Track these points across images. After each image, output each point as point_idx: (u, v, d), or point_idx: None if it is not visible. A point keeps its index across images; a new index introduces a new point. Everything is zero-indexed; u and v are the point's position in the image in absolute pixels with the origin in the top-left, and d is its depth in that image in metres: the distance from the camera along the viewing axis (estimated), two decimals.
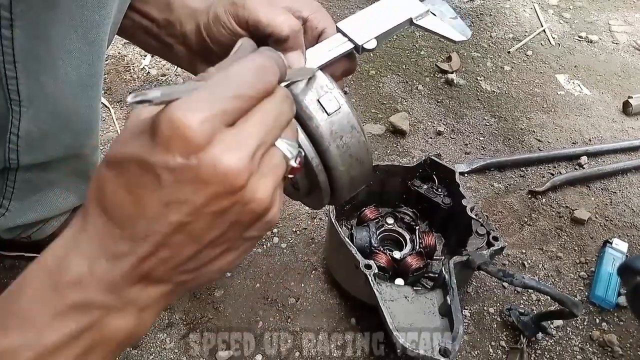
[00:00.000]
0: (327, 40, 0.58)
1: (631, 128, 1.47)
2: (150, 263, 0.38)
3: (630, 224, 1.22)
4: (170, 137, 0.34)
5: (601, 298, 1.05)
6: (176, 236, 0.37)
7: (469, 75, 1.60)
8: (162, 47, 0.67)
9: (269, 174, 0.38)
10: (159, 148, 0.34)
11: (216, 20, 0.57)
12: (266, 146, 0.39)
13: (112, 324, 0.39)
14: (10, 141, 0.74)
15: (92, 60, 0.70)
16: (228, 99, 0.36)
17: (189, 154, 0.34)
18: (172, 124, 0.34)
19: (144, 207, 0.36)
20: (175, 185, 0.35)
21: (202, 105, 0.35)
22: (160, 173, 0.35)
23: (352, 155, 0.55)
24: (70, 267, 0.38)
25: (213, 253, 0.40)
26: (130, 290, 0.39)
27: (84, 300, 0.38)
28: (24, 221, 0.90)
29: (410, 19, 0.62)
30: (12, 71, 0.65)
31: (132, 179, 0.36)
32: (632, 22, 1.90)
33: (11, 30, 0.61)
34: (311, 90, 0.53)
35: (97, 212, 0.38)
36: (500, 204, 1.24)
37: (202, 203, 0.36)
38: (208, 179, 0.35)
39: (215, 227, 0.38)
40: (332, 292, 1.04)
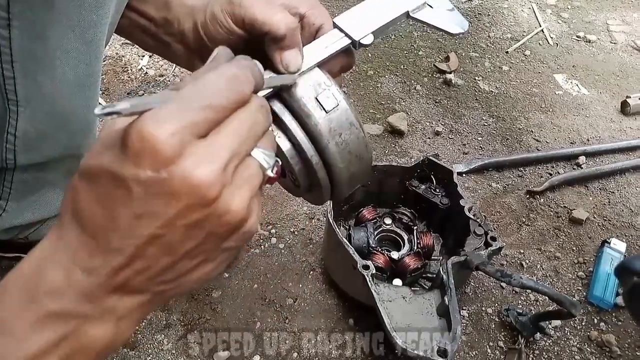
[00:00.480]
0: (323, 37, 0.58)
1: (629, 128, 1.47)
2: (125, 274, 0.38)
3: (628, 223, 1.22)
4: (140, 150, 0.34)
5: (599, 298, 1.05)
6: (150, 248, 0.37)
7: (467, 75, 1.60)
8: (159, 45, 0.67)
9: (244, 184, 0.38)
10: (130, 161, 0.34)
11: (213, 19, 0.57)
12: (240, 157, 0.38)
13: (90, 333, 0.39)
14: (7, 141, 0.74)
15: (89, 60, 0.70)
16: (199, 109, 0.36)
17: (159, 167, 0.34)
18: (142, 136, 0.34)
19: (117, 220, 0.36)
20: (146, 199, 0.35)
21: (172, 117, 0.34)
22: (131, 186, 0.35)
23: (352, 152, 0.55)
24: (47, 276, 0.38)
25: (190, 264, 0.40)
26: (107, 300, 0.39)
27: (61, 309, 0.38)
28: (21, 222, 0.90)
29: (407, 12, 0.62)
30: (9, 71, 0.65)
31: (104, 191, 0.36)
32: (630, 21, 1.91)
33: (8, 30, 0.61)
34: (309, 88, 0.53)
35: (71, 223, 0.38)
36: (498, 204, 1.24)
37: (174, 216, 0.36)
38: (179, 192, 0.35)
39: (190, 239, 0.38)
40: (330, 293, 1.04)
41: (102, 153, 0.36)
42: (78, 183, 0.37)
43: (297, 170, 0.56)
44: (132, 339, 0.95)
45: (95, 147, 0.37)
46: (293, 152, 0.55)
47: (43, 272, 0.38)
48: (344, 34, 0.58)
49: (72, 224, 0.38)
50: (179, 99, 0.36)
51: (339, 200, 0.96)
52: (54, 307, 0.38)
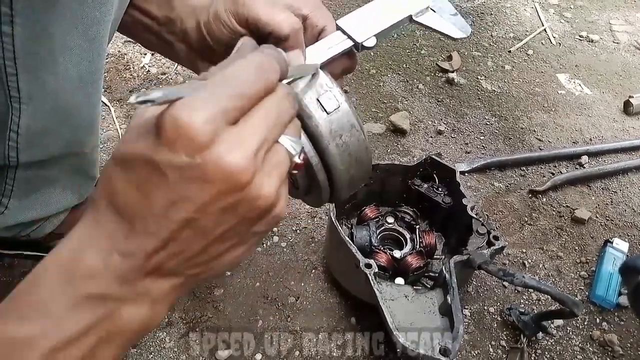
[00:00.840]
0: (326, 38, 0.58)
1: (632, 128, 1.47)
2: (160, 257, 0.39)
3: (631, 223, 1.22)
4: (175, 136, 0.35)
5: (602, 298, 1.04)
6: (184, 232, 0.38)
7: (470, 74, 1.60)
8: (162, 44, 0.67)
9: (273, 170, 0.39)
10: (165, 147, 0.35)
11: (216, 18, 0.57)
12: (269, 143, 0.39)
13: (126, 315, 0.41)
14: (9, 138, 0.73)
15: (92, 57, 0.70)
16: (229, 97, 0.37)
17: (194, 153, 0.35)
18: (176, 123, 0.35)
19: (152, 204, 0.37)
20: (181, 183, 0.36)
21: (204, 105, 0.35)
22: (167, 171, 0.36)
23: (352, 154, 0.55)
24: (84, 260, 0.39)
25: (222, 247, 0.41)
26: (143, 283, 0.40)
27: (98, 291, 0.39)
28: (23, 219, 0.90)
29: (410, 16, 0.62)
30: (12, 68, 0.65)
31: (140, 176, 0.37)
32: (633, 21, 1.90)
33: (11, 27, 0.61)
34: (311, 89, 0.53)
35: (107, 207, 0.39)
36: (500, 204, 1.24)
37: (208, 200, 0.37)
38: (213, 177, 0.36)
39: (223, 223, 0.39)
40: (332, 291, 1.04)
41: (137, 140, 0.37)
42: (113, 169, 0.38)
43: (296, 172, 0.55)
44: None
45: (128, 135, 0.38)
46: None
47: (80, 256, 0.39)
48: (346, 36, 0.58)
49: (109, 209, 0.39)
50: (210, 87, 0.37)
51: (337, 202, 0.96)
52: (91, 289, 0.39)
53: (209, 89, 0.37)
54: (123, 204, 0.38)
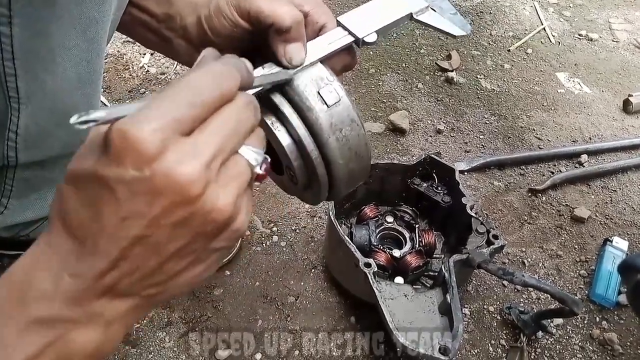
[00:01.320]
0: (327, 34, 0.58)
1: (631, 126, 1.47)
2: (112, 277, 0.38)
3: (630, 222, 1.22)
4: (122, 149, 0.34)
5: (601, 296, 1.04)
6: (136, 249, 0.37)
7: (469, 73, 1.60)
8: (161, 41, 0.66)
9: (230, 181, 0.38)
10: (112, 161, 0.34)
11: (217, 12, 0.57)
12: (225, 154, 0.38)
13: (78, 338, 0.39)
14: (8, 138, 0.73)
15: (91, 57, 0.70)
16: (181, 107, 0.35)
17: (142, 165, 0.34)
18: (123, 135, 0.33)
19: (102, 222, 0.36)
20: (130, 198, 0.35)
21: (153, 115, 0.34)
22: (115, 187, 0.35)
23: (352, 149, 0.54)
24: (35, 282, 0.38)
25: (179, 265, 0.40)
26: (95, 304, 0.39)
27: (48, 314, 0.38)
28: (23, 219, 0.90)
29: (410, 14, 0.62)
30: (11, 68, 0.64)
31: (90, 194, 0.36)
32: (632, 20, 1.90)
33: (10, 28, 0.61)
34: (311, 82, 0.53)
35: (60, 227, 0.38)
36: (500, 203, 1.24)
37: (158, 214, 0.36)
38: (162, 189, 0.35)
39: (177, 239, 0.37)
40: (332, 291, 1.04)
41: (86, 156, 0.36)
42: (65, 188, 0.37)
43: (296, 166, 0.55)
44: (134, 336, 0.95)
45: (79, 152, 0.37)
46: (293, 147, 0.54)
47: (32, 278, 0.38)
48: (347, 32, 0.58)
49: (60, 229, 0.38)
50: (162, 97, 0.35)
51: (336, 200, 0.96)
52: (41, 312, 0.38)
53: (159, 100, 0.35)
54: (75, 223, 0.37)
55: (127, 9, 0.68)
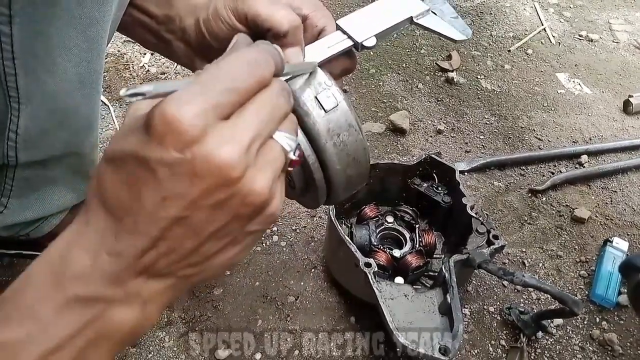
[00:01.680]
0: (326, 37, 0.58)
1: (632, 127, 1.47)
2: (150, 257, 0.38)
3: (630, 222, 1.21)
4: (164, 131, 0.34)
5: (601, 297, 1.04)
6: (175, 230, 0.37)
7: (469, 73, 1.60)
8: (160, 43, 0.67)
9: (266, 166, 0.39)
10: (154, 143, 0.35)
11: (215, 15, 0.57)
12: (262, 139, 0.39)
13: (116, 317, 0.40)
14: (9, 138, 0.73)
15: (91, 57, 0.70)
16: (221, 92, 0.36)
17: (183, 148, 0.34)
18: (165, 118, 0.34)
19: (142, 202, 0.36)
20: (171, 180, 0.35)
21: (194, 99, 0.35)
22: (156, 168, 0.35)
23: (349, 154, 0.54)
24: (73, 261, 0.38)
25: (215, 247, 0.40)
26: (133, 283, 0.39)
27: (86, 293, 0.38)
28: (23, 219, 0.90)
29: (410, 17, 0.62)
30: (11, 68, 0.64)
31: (130, 174, 0.36)
32: (632, 21, 1.90)
33: (10, 27, 0.61)
34: (309, 87, 0.52)
35: (98, 207, 0.38)
36: (500, 203, 1.24)
37: (198, 196, 0.36)
38: (203, 172, 0.35)
39: (215, 220, 0.38)
40: (332, 291, 1.04)
41: (126, 137, 0.36)
42: (104, 168, 0.38)
43: (293, 171, 0.54)
44: None
45: (119, 133, 0.38)
46: None
47: (70, 257, 0.38)
48: (346, 36, 0.58)
49: (99, 208, 0.38)
50: (201, 81, 0.36)
51: (333, 204, 0.96)
52: (79, 291, 0.38)
53: (200, 84, 0.36)
54: (114, 203, 0.37)
55: (127, 10, 0.69)
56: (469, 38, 0.67)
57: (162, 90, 0.35)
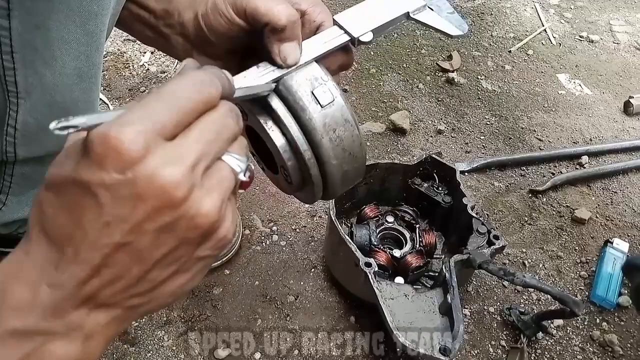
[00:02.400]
0: (323, 33, 0.58)
1: (632, 128, 1.47)
2: (93, 286, 0.36)
3: (631, 223, 1.21)
4: (104, 152, 0.33)
5: (602, 298, 1.04)
6: (119, 256, 0.36)
7: (470, 74, 1.59)
8: (159, 38, 0.66)
9: (214, 187, 0.37)
10: (94, 165, 0.33)
11: (214, 9, 0.57)
12: (209, 159, 0.37)
13: (56, 352, 0.38)
14: (7, 134, 0.73)
15: (90, 51, 0.69)
16: (164, 111, 0.35)
17: (124, 168, 0.33)
18: (105, 138, 0.33)
19: (84, 228, 0.35)
20: (112, 203, 0.34)
21: (135, 119, 0.34)
22: (97, 191, 0.34)
23: (345, 149, 0.54)
24: (12, 292, 0.37)
25: (163, 274, 0.39)
26: (75, 315, 0.37)
27: (25, 326, 0.36)
28: (21, 216, 0.89)
29: (407, 12, 0.62)
30: (9, 62, 0.64)
31: (71, 199, 0.35)
32: (633, 22, 1.90)
33: (8, 20, 0.60)
34: (305, 82, 0.52)
35: (38, 236, 0.37)
36: (500, 203, 1.23)
37: (142, 219, 0.35)
38: (145, 193, 0.34)
39: (161, 245, 0.37)
40: (332, 290, 1.03)
41: (65, 161, 0.35)
42: (43, 194, 0.36)
43: (289, 166, 0.55)
44: (132, 334, 0.94)
45: (58, 158, 0.36)
46: (286, 147, 0.54)
47: (8, 288, 0.37)
48: (343, 31, 0.58)
49: (39, 238, 0.37)
50: (144, 102, 0.35)
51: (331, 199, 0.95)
52: (17, 324, 0.36)
53: (142, 106, 0.34)
54: (54, 231, 0.36)
55: (125, 5, 0.68)
56: (469, 37, 0.66)
57: (95, 122, 0.34)
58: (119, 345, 0.93)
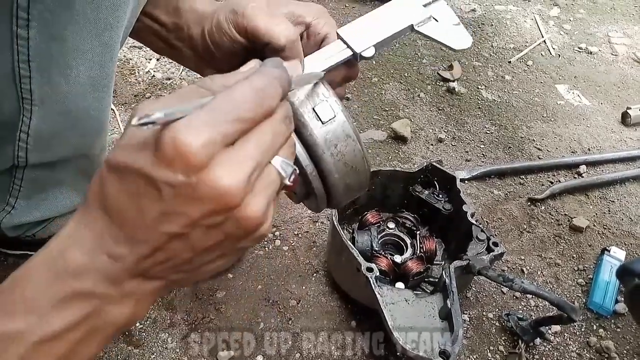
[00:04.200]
0: (326, 48, 0.59)
1: (629, 138, 1.49)
2: (147, 263, 0.42)
3: (627, 232, 1.23)
4: (174, 155, 0.37)
5: (599, 305, 1.06)
6: (173, 243, 0.41)
7: (470, 83, 1.62)
8: (170, 49, 0.69)
9: (262, 191, 0.41)
10: (163, 165, 0.37)
11: (218, 27, 0.59)
12: (262, 166, 0.41)
13: (111, 313, 0.43)
14: (20, 139, 0.75)
15: (104, 61, 0.71)
16: (229, 122, 0.39)
17: (190, 172, 0.37)
18: (175, 143, 0.36)
19: (144, 214, 0.39)
20: (174, 199, 0.38)
21: (203, 127, 0.37)
22: (162, 187, 0.38)
23: (347, 163, 0.55)
24: (72, 257, 0.41)
25: (207, 259, 0.44)
26: (129, 284, 0.43)
27: (85, 289, 0.41)
28: (30, 219, 0.91)
29: (411, 25, 0.62)
30: (25, 70, 0.66)
31: (134, 187, 0.39)
32: (630, 34, 1.93)
33: (27, 31, 0.62)
34: (307, 98, 0.54)
35: (98, 210, 0.41)
36: (499, 211, 1.25)
37: (198, 217, 0.39)
38: (206, 196, 0.38)
39: (210, 238, 0.41)
40: (333, 295, 1.05)
41: (134, 152, 0.39)
42: (107, 175, 0.40)
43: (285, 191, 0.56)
44: (137, 337, 0.96)
45: (123, 143, 0.40)
46: None
47: (68, 253, 0.41)
48: (346, 46, 0.59)
49: (99, 212, 0.41)
50: (211, 109, 0.38)
51: (336, 209, 0.97)
52: (78, 286, 0.41)
53: (210, 112, 0.38)
54: (115, 210, 0.40)
55: (139, 17, 0.70)
56: (470, 47, 0.66)
57: (172, 117, 0.37)
58: (123, 347, 0.95)
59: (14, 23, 0.61)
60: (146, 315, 0.98)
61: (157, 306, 1.00)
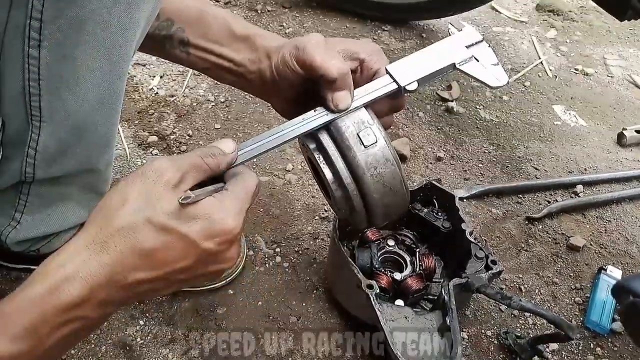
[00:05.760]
0: (375, 81, 0.67)
1: (625, 159, 1.51)
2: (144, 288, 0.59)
3: (624, 251, 1.24)
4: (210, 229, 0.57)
5: (596, 323, 1.07)
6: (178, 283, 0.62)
7: (469, 103, 1.64)
8: (239, 80, 0.79)
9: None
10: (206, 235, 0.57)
11: (283, 61, 0.69)
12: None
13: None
14: (28, 155, 0.76)
15: (112, 79, 0.73)
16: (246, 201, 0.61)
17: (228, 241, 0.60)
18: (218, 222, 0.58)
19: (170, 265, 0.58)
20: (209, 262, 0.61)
21: (232, 207, 0.59)
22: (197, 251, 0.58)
23: (386, 185, 0.64)
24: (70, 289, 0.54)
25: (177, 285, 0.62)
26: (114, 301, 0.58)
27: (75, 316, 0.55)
28: (35, 234, 0.91)
29: (453, 63, 0.69)
30: (35, 88, 0.68)
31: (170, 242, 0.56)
32: (626, 56, 1.96)
33: (38, 51, 0.64)
34: (353, 125, 0.64)
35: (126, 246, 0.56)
36: (497, 230, 1.27)
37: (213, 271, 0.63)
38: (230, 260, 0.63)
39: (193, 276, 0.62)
40: (333, 312, 1.06)
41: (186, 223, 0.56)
42: (144, 225, 0.55)
43: (337, 196, 0.66)
44: (137, 352, 0.96)
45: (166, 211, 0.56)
46: (334, 180, 0.65)
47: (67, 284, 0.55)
48: (392, 80, 0.67)
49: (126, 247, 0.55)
50: (233, 195, 0.60)
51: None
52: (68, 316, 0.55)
53: (232, 196, 0.60)
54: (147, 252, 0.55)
55: (205, 56, 0.79)
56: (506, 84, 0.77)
57: (205, 195, 0.57)
58: None
59: (25, 44, 0.63)
60: (147, 331, 0.99)
61: (157, 322, 1.01)
